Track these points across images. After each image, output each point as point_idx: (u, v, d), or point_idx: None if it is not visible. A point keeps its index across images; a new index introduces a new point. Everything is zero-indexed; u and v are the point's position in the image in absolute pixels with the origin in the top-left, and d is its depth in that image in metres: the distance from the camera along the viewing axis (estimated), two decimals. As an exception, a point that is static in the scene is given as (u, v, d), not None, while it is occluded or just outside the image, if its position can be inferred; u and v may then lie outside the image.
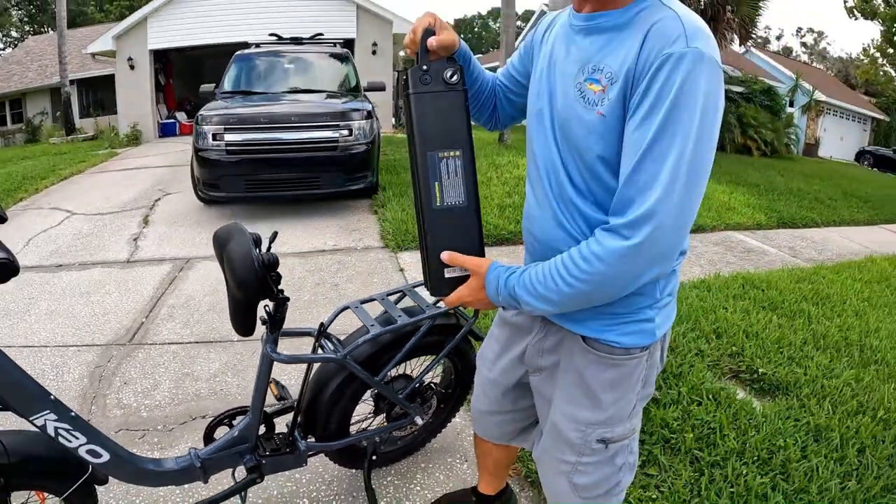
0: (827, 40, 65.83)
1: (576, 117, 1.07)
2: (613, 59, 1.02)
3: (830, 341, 3.38)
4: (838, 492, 2.07)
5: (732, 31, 13.92)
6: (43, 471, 1.43)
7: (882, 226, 8.85)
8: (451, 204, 1.13)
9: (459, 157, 1.12)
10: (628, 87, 0.98)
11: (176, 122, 15.19)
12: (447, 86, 1.12)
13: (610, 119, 1.02)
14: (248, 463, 1.65)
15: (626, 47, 1.00)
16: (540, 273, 1.06)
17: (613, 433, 1.25)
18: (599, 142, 1.04)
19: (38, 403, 1.30)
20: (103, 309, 3.62)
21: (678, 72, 0.92)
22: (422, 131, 1.11)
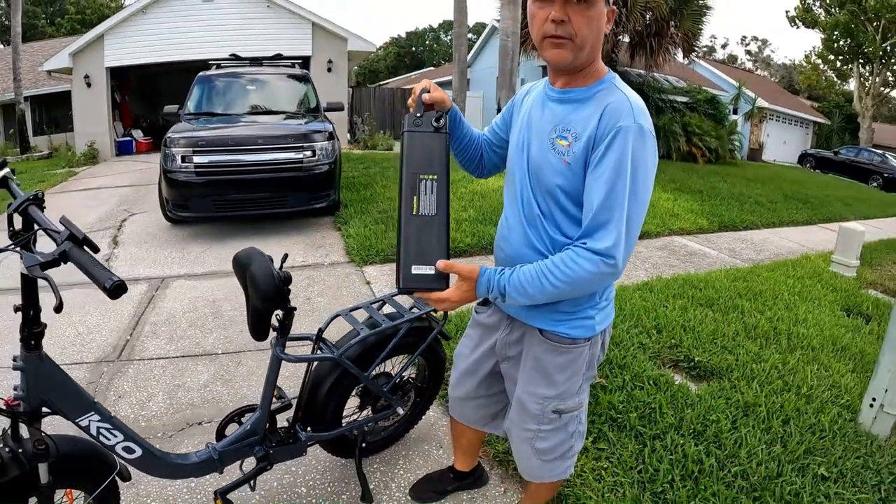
0: (771, 48, 68.60)
1: (548, 163, 1.44)
2: (577, 123, 1.39)
3: (760, 331, 3.82)
4: (765, 455, 2.45)
5: (676, 46, 14.59)
6: (82, 470, 1.60)
7: (820, 225, 9.43)
8: (425, 214, 1.40)
9: (435, 179, 1.41)
10: (590, 146, 1.36)
11: (132, 140, 15.06)
12: (434, 128, 1.45)
13: (573, 166, 1.39)
14: (258, 453, 1.91)
15: (587, 115, 1.38)
16: (527, 274, 1.38)
17: (565, 405, 1.62)
18: (564, 181, 1.41)
19: (84, 406, 1.52)
20: (87, 328, 3.75)
21: (627, 140, 1.31)
22: (409, 158, 1.42)
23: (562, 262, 1.34)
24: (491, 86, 20.23)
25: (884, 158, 22.17)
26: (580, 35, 1.35)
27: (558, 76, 1.49)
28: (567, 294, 1.39)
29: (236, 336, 3.63)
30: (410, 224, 1.39)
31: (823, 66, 33.90)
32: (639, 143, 1.32)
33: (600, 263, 1.31)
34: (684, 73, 21.42)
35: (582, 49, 1.37)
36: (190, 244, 5.70)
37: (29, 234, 1.38)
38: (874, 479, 2.43)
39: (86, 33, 14.17)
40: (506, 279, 1.39)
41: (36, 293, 1.41)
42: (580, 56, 1.39)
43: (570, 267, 1.33)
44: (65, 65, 13.67)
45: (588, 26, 1.35)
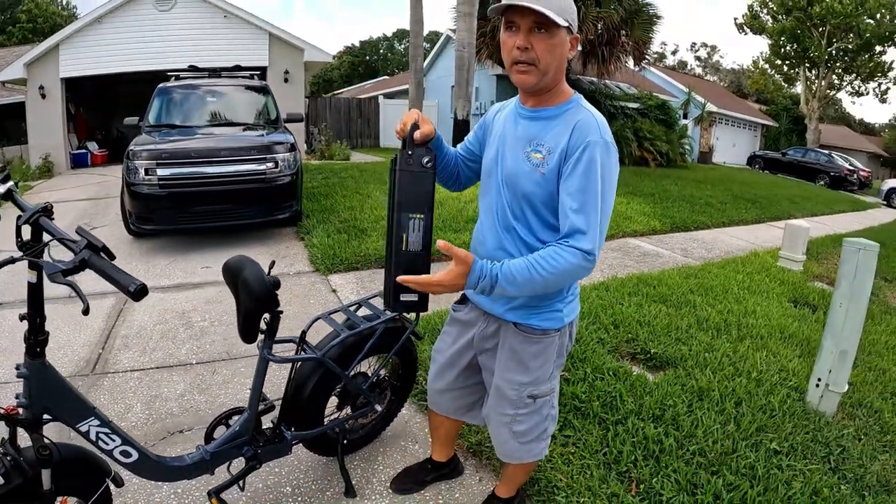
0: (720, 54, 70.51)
1: (522, 173, 1.61)
2: (549, 138, 1.57)
3: (712, 323, 4.06)
4: (720, 434, 2.67)
5: (627, 54, 14.97)
6: (79, 476, 1.65)
7: (768, 223, 9.85)
8: (412, 250, 1.56)
9: (422, 219, 1.56)
10: (563, 159, 1.54)
11: (88, 152, 14.74)
12: (423, 168, 1.57)
13: (548, 176, 1.57)
14: (247, 453, 2.01)
15: (558, 131, 1.56)
16: (517, 265, 1.50)
17: (539, 390, 1.80)
18: (538, 189, 1.59)
19: (84, 411, 1.59)
20: (57, 343, 3.71)
21: (595, 152, 1.49)
22: (400, 199, 1.55)
23: (549, 255, 1.49)
24: (445, 94, 20.48)
25: (830, 158, 23.08)
26: (543, 61, 1.52)
27: (528, 97, 1.66)
28: (551, 285, 1.52)
29: (209, 346, 3.68)
30: (400, 258, 1.55)
31: (771, 71, 35.15)
32: (605, 156, 1.51)
33: (581, 257, 1.48)
34: (635, 80, 21.94)
35: (545, 73, 1.54)
36: (155, 257, 5.69)
37: (43, 244, 1.44)
38: (823, 451, 2.69)
39: (39, 43, 13.87)
40: (497, 269, 1.51)
41: (42, 301, 1.47)
42: (544, 80, 1.55)
43: (557, 260, 1.47)
44: (19, 75, 13.37)
45: (550, 53, 1.51)
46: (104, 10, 13.27)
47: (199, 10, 13.82)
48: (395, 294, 1.56)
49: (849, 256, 3.00)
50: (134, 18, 13.49)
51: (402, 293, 1.56)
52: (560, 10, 1.46)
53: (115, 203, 7.74)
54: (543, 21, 1.46)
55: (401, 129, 1.60)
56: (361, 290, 4.75)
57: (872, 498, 2.41)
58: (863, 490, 2.46)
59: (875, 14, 27.45)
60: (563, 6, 1.48)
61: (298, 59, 14.60)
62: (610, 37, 14.06)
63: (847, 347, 3.01)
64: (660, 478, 2.36)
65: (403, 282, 1.50)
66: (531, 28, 1.49)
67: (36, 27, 30.08)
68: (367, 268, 5.40)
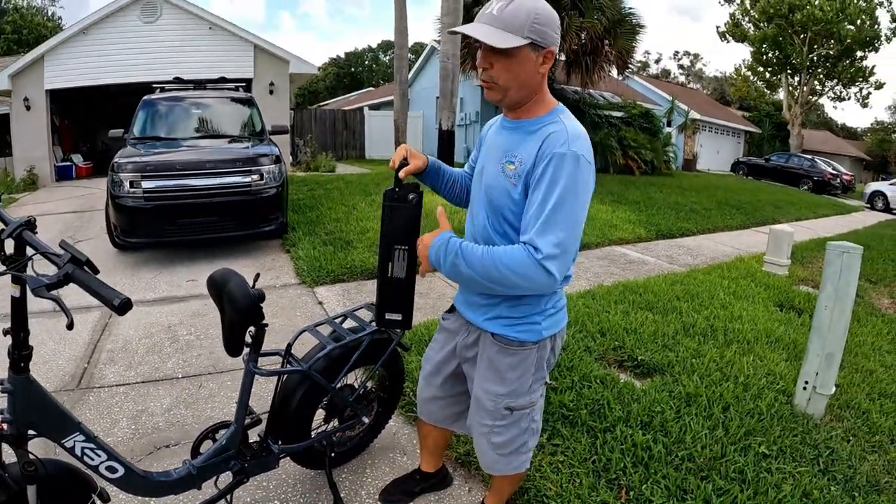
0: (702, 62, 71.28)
1: (498, 185, 1.62)
2: (523, 151, 1.57)
3: (698, 329, 4.09)
4: (709, 439, 2.69)
5: (611, 63, 15.07)
6: (65, 492, 1.63)
7: (753, 229, 9.95)
8: (395, 276, 1.73)
9: (406, 250, 1.71)
10: (530, 169, 1.54)
11: (72, 164, 14.62)
12: (409, 203, 1.68)
13: (519, 187, 1.57)
14: (234, 467, 2.00)
15: (532, 144, 1.56)
16: (478, 250, 1.54)
17: (516, 403, 1.78)
18: (511, 202, 1.60)
19: (69, 426, 1.57)
20: (42, 358, 3.68)
21: (560, 164, 1.48)
22: (387, 231, 1.70)
23: (508, 251, 1.50)
24: (431, 105, 20.55)
25: (813, 163, 23.36)
26: (501, 80, 1.54)
27: (507, 110, 1.68)
28: (506, 282, 1.50)
29: (195, 360, 3.66)
30: (386, 284, 1.76)
31: (753, 78, 35.47)
32: (572, 167, 1.48)
33: (534, 261, 1.45)
34: (619, 89, 22.08)
35: (507, 91, 1.56)
36: (140, 270, 5.66)
37: (26, 258, 1.43)
38: (812, 453, 2.71)
39: (24, 54, 13.77)
40: (459, 241, 1.59)
41: (25, 316, 1.46)
42: (509, 96, 1.57)
43: (514, 257, 1.47)
44: (3, 87, 13.25)
45: (507, 72, 1.52)
46: (89, 22, 13.23)
47: (184, 22, 13.80)
48: (381, 313, 1.81)
49: (833, 260, 3.03)
50: (119, 30, 13.45)
51: (387, 312, 1.79)
52: (518, 28, 1.45)
53: (100, 216, 7.71)
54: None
55: (392, 164, 1.70)
56: (348, 302, 4.74)
57: (863, 498, 2.43)
58: (853, 490, 2.48)
59: (855, 20, 27.88)
60: (521, 22, 1.46)
61: (283, 71, 14.60)
62: (593, 46, 14.14)
63: (833, 350, 3.04)
64: (649, 484, 2.37)
65: None
66: (489, 48, 1.50)
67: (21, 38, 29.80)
68: (353, 280, 5.38)
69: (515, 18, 1.45)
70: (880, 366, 3.91)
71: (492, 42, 1.44)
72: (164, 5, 13.62)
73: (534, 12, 1.47)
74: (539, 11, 1.48)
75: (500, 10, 1.47)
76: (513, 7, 1.46)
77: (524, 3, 1.47)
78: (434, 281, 5.37)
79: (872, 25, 28.37)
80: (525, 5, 1.47)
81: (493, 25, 1.46)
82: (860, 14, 27.77)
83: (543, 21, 1.48)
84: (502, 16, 1.46)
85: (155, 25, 13.60)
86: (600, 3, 13.76)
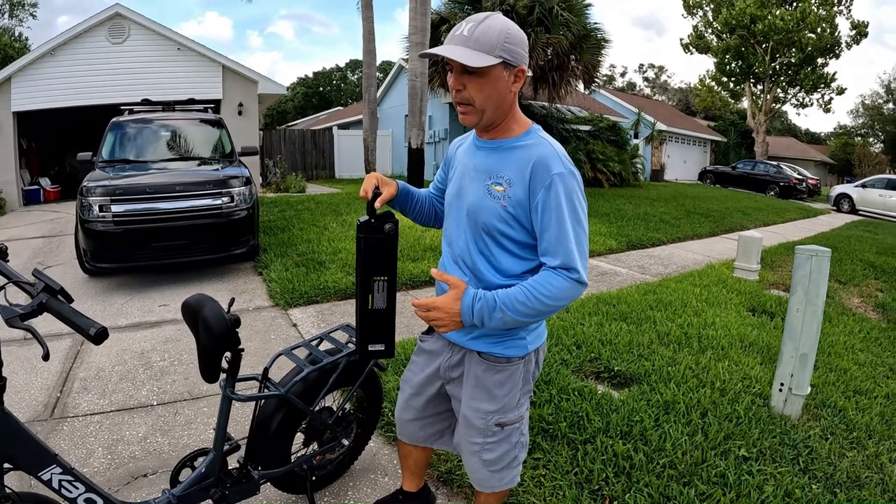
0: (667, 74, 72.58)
1: (485, 207, 1.63)
2: (508, 171, 1.60)
3: (673, 337, 4.14)
4: (689, 445, 2.72)
5: (577, 78, 15.29)
6: None
7: (722, 236, 10.13)
8: (377, 307, 1.69)
9: (386, 280, 1.68)
10: (527, 192, 1.57)
11: (40, 188, 14.33)
12: (385, 234, 1.65)
13: (510, 208, 1.60)
14: (215, 495, 1.97)
15: (518, 164, 1.59)
16: (515, 292, 1.56)
17: (506, 418, 1.79)
18: (502, 223, 1.62)
19: (45, 459, 1.54)
20: (14, 387, 3.60)
21: (561, 185, 1.54)
22: (364, 260, 1.66)
23: (544, 280, 1.55)
24: (400, 123, 20.66)
25: (779, 169, 23.84)
26: (476, 100, 1.55)
27: (480, 131, 1.69)
28: (550, 309, 1.57)
29: (170, 386, 3.60)
30: (367, 315, 1.71)
31: (717, 88, 36.22)
32: (571, 184, 1.56)
33: (572, 280, 1.55)
34: (586, 103, 22.40)
35: (483, 111, 1.58)
36: (111, 296, 5.56)
37: None
38: (791, 453, 2.76)
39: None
40: (493, 294, 1.58)
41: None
42: (485, 117, 1.59)
43: (553, 284, 1.53)
44: (-30, 109, 12.97)
45: (482, 92, 1.54)
46: (57, 43, 13.06)
47: (152, 43, 13.71)
48: (363, 346, 1.75)
49: (802, 263, 3.10)
50: (87, 51, 13.31)
51: (371, 344, 1.74)
52: (490, 47, 1.48)
53: (70, 241, 7.58)
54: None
55: (363, 194, 1.67)
56: (322, 324, 4.72)
57: (844, 494, 2.49)
58: (834, 488, 2.53)
59: (816, 28, 28.70)
60: (493, 42, 1.48)
61: (252, 92, 14.59)
62: (560, 62, 14.33)
63: (807, 351, 3.11)
64: (632, 493, 2.39)
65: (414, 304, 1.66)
66: (462, 69, 1.52)
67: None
68: (326, 301, 5.36)
69: (487, 38, 1.48)
70: (854, 364, 4.01)
71: (466, 61, 1.46)
72: (133, 26, 13.53)
73: (504, 32, 1.50)
74: (510, 31, 1.51)
75: (470, 31, 1.50)
76: (483, 27, 1.49)
77: (494, 23, 1.50)
78: (408, 300, 5.36)
79: (833, 33, 29.24)
80: (495, 26, 1.50)
81: (465, 46, 1.49)
82: (820, 22, 28.61)
83: (514, 41, 1.51)
84: (473, 36, 1.49)
85: (123, 46, 13.49)
86: (566, 19, 13.97)
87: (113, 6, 13.33)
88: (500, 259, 1.66)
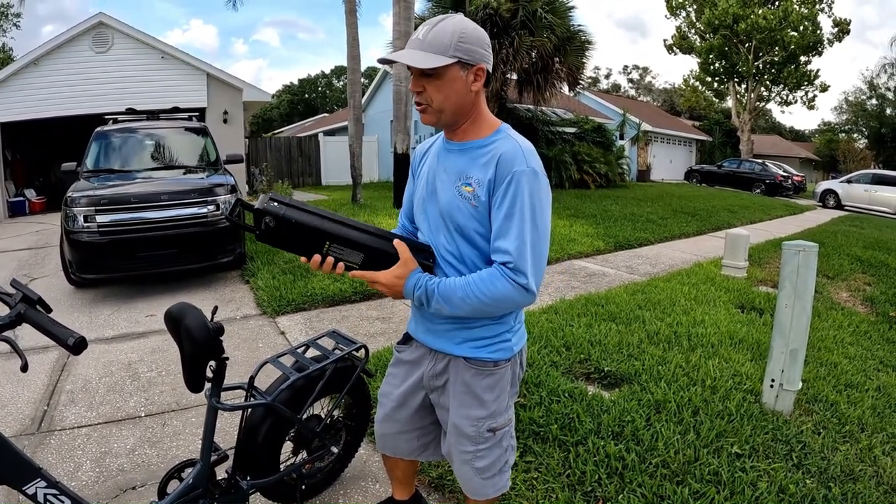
0: (651, 74, 72.90)
1: (457, 208, 1.61)
2: (477, 170, 1.58)
3: (662, 336, 4.15)
4: (681, 444, 2.72)
5: (562, 80, 15.35)
6: None
7: (709, 234, 10.18)
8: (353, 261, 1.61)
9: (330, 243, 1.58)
10: (491, 189, 1.55)
11: (25, 200, 14.18)
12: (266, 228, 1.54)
13: (480, 209, 1.57)
14: (203, 507, 1.94)
15: (485, 163, 1.57)
16: (455, 283, 1.54)
17: (497, 423, 1.77)
18: (475, 223, 1.59)
19: (30, 473, 1.51)
20: (0, 402, 3.59)
21: (522, 182, 1.50)
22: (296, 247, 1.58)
23: (487, 279, 1.51)
24: (385, 129, 20.69)
25: (764, 167, 24.04)
26: (434, 101, 1.55)
27: (449, 132, 1.68)
28: (490, 309, 1.54)
29: (157, 397, 3.56)
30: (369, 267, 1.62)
31: (702, 88, 36.52)
32: (533, 184, 1.51)
33: (518, 287, 1.49)
34: (571, 105, 22.51)
35: (442, 112, 1.57)
36: (97, 307, 5.50)
37: None
38: (784, 449, 2.77)
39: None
40: (435, 284, 1.56)
41: None
42: (443, 117, 1.59)
43: (495, 285, 1.50)
44: (-47, 120, 12.84)
45: (439, 93, 1.54)
46: (40, 53, 12.97)
47: (135, 52, 13.62)
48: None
49: (790, 259, 3.11)
50: (71, 61, 13.22)
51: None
52: (443, 48, 1.48)
53: (56, 252, 7.50)
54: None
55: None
56: (310, 331, 4.69)
57: (839, 488, 2.49)
58: (828, 482, 2.54)
59: (798, 26, 29.01)
60: (445, 43, 1.49)
61: (237, 99, 14.54)
62: (544, 64, 14.40)
63: (797, 346, 3.12)
64: (625, 494, 2.38)
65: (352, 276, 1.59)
66: (420, 71, 1.53)
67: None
68: (314, 308, 5.34)
69: (440, 40, 1.49)
70: (844, 358, 4.03)
71: (416, 63, 1.47)
72: (116, 35, 13.44)
73: (459, 32, 1.50)
74: (465, 30, 1.51)
75: (425, 35, 1.51)
76: (437, 29, 1.50)
77: (448, 24, 1.51)
78: (396, 305, 5.35)
79: (815, 31, 29.55)
80: (448, 27, 1.50)
81: (419, 49, 1.49)
82: (802, 20, 28.91)
83: (469, 40, 1.51)
84: (427, 38, 1.50)
85: (107, 55, 13.40)
86: (550, 22, 14.03)
87: (96, 15, 13.25)
88: (472, 259, 1.64)
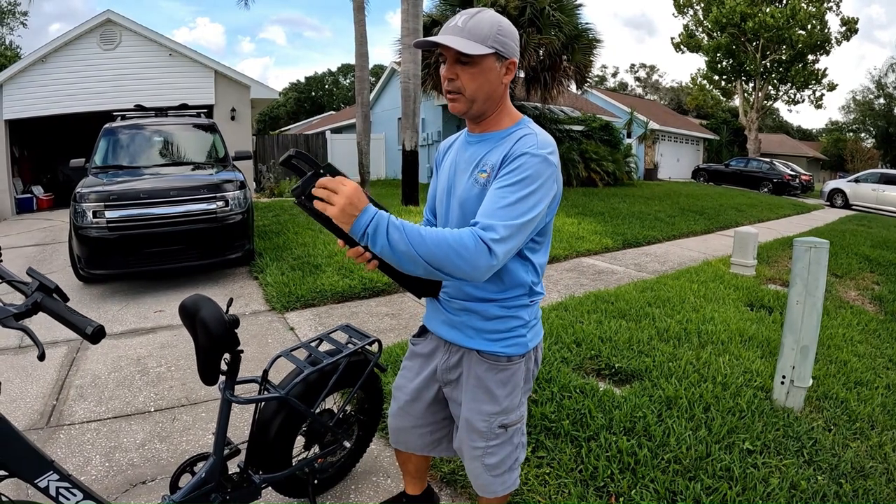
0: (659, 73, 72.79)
1: (471, 196, 1.59)
2: (493, 157, 1.57)
3: (672, 333, 4.13)
4: (693, 440, 2.71)
5: (569, 78, 15.33)
6: None
7: (717, 233, 10.14)
8: None
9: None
10: (499, 166, 1.52)
11: (33, 196, 14.29)
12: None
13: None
14: (216, 501, 1.93)
15: (503, 149, 1.55)
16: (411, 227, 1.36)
17: (509, 419, 1.76)
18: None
19: (42, 466, 1.51)
20: (9, 396, 3.56)
21: (531, 162, 1.47)
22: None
23: (456, 231, 1.38)
24: (392, 126, 20.70)
25: (772, 165, 23.93)
26: (468, 90, 1.55)
27: (473, 125, 1.68)
28: (435, 260, 1.34)
29: (167, 392, 3.57)
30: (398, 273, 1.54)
31: (709, 86, 36.35)
32: (539, 166, 1.46)
33: (480, 243, 1.35)
34: (579, 103, 22.48)
35: (474, 101, 1.57)
36: (106, 303, 5.52)
37: None
38: (795, 445, 2.75)
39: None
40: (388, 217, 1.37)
41: None
42: (474, 106, 1.58)
43: (462, 237, 1.35)
44: (-38, 118, 12.91)
45: (473, 81, 1.54)
46: (48, 50, 13.04)
47: (144, 49, 13.69)
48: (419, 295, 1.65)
49: (801, 255, 3.10)
50: (79, 58, 13.29)
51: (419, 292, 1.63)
52: (482, 38, 1.50)
53: (64, 248, 7.54)
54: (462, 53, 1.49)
55: None
56: (320, 327, 4.69)
57: (850, 484, 2.48)
58: (839, 478, 2.52)
59: (806, 25, 28.88)
60: (485, 33, 1.50)
61: (245, 97, 14.60)
62: (552, 62, 14.39)
63: (807, 343, 3.10)
64: (638, 489, 2.37)
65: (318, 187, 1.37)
66: (456, 59, 1.53)
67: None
68: (324, 304, 5.34)
69: (480, 29, 1.51)
70: (853, 356, 4.01)
71: (461, 48, 1.47)
72: (124, 32, 13.50)
73: (497, 24, 1.53)
74: (501, 23, 1.54)
75: (464, 23, 1.52)
76: (476, 19, 1.52)
77: (485, 16, 1.53)
78: (405, 301, 5.35)
79: (823, 29, 29.42)
80: (487, 18, 1.53)
81: (459, 35, 1.50)
82: (810, 19, 28.78)
83: (506, 33, 1.54)
84: (467, 27, 1.51)
85: (114, 53, 13.47)
86: (557, 20, 14.00)
87: (104, 12, 13.29)
88: None
